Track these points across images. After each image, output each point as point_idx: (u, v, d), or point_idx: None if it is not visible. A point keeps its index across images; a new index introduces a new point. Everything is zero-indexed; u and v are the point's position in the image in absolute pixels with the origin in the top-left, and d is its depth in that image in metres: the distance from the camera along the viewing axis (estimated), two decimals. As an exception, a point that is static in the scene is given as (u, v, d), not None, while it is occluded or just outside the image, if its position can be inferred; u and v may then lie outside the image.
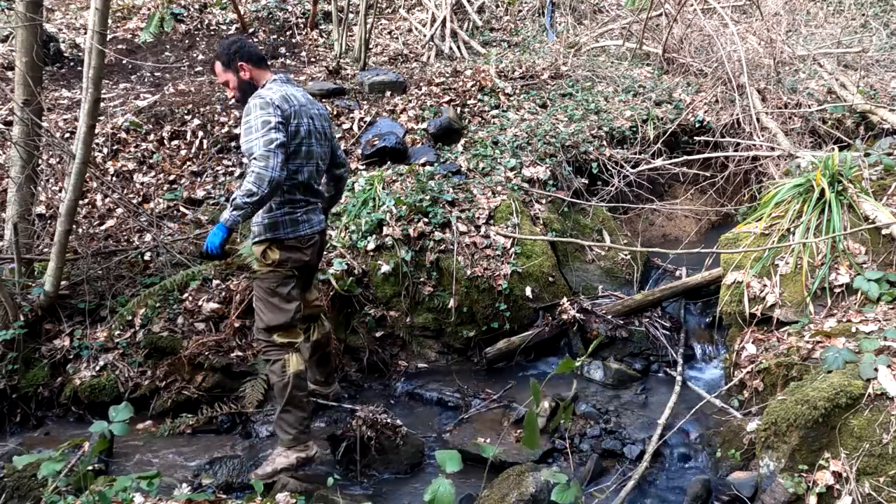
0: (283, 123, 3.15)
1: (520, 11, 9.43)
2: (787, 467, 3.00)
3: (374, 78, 6.30)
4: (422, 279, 4.61)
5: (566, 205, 5.29)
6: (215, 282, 4.53)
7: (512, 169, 5.32)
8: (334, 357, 4.30)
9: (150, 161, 5.49)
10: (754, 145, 5.72)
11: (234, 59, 3.35)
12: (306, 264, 3.50)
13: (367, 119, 5.81)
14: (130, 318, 4.29)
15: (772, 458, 3.08)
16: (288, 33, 8.44)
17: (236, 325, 4.34)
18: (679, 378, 4.13)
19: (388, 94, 6.21)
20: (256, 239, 3.37)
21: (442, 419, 4.10)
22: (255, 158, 3.03)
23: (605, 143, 5.82)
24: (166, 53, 7.64)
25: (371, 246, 4.61)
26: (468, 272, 4.57)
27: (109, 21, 4.73)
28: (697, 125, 6.18)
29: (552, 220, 5.13)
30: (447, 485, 1.78)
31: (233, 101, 3.58)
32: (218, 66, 3.43)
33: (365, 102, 6.06)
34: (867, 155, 4.41)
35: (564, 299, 4.64)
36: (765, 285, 3.87)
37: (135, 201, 5.11)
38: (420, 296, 4.61)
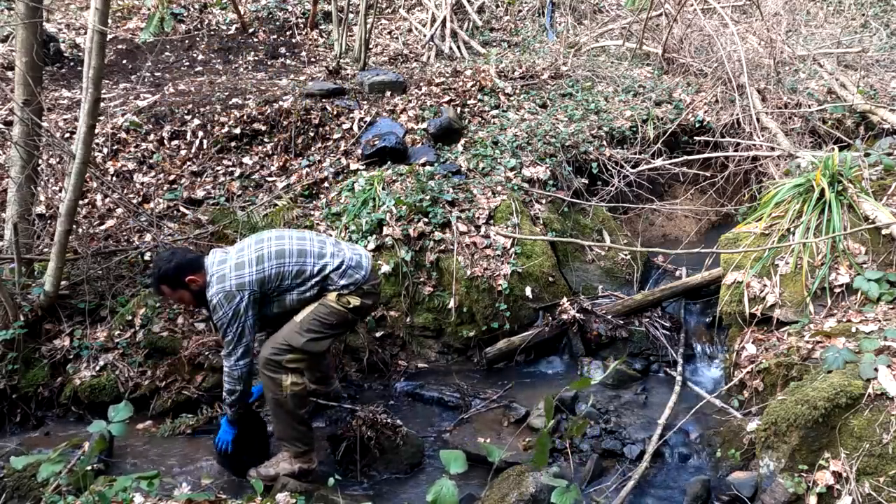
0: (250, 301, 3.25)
1: (520, 11, 9.43)
2: (787, 467, 3.00)
3: (374, 78, 6.29)
4: (422, 279, 4.61)
5: (566, 205, 5.29)
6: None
7: (512, 169, 5.32)
8: (333, 356, 4.30)
9: (150, 161, 5.49)
10: (754, 145, 5.72)
11: (181, 276, 3.29)
12: (369, 312, 3.82)
13: (367, 119, 5.81)
14: (130, 318, 4.29)
15: (772, 458, 3.08)
16: (288, 33, 8.44)
17: (236, 325, 4.34)
18: (679, 378, 4.13)
19: (388, 94, 6.21)
20: (341, 292, 3.41)
21: (442, 419, 4.10)
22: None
23: (605, 143, 5.82)
24: (166, 53, 7.64)
25: (371, 246, 4.61)
26: (468, 272, 4.57)
27: (109, 21, 4.71)
28: (697, 125, 6.17)
29: (552, 220, 5.13)
30: (450, 485, 1.77)
31: (186, 307, 3.87)
32: (165, 289, 3.36)
33: (365, 102, 6.06)
34: (867, 155, 4.41)
35: (564, 299, 4.64)
36: (765, 285, 3.87)
37: (135, 201, 5.11)
38: (420, 296, 4.61)
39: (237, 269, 3.26)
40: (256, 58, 7.63)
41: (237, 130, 5.64)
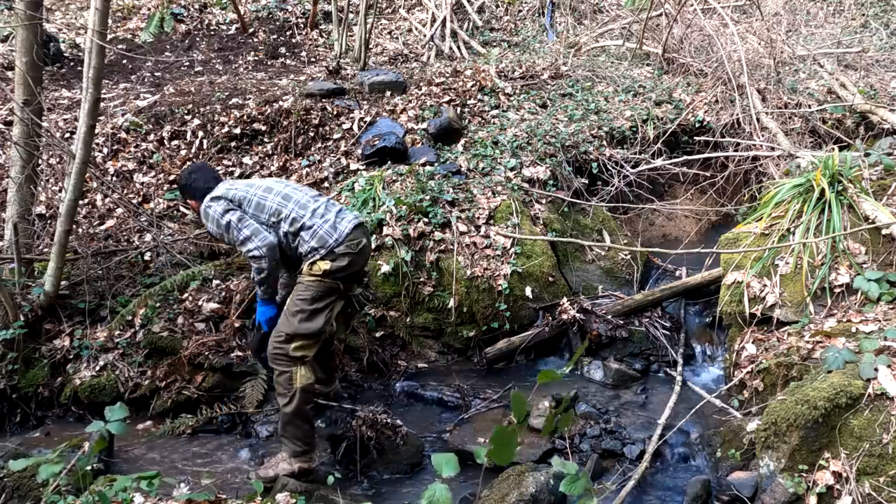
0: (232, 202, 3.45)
1: (520, 11, 9.43)
2: (787, 467, 3.00)
3: (374, 78, 6.30)
4: (422, 279, 4.61)
5: (566, 205, 5.29)
6: (215, 282, 4.53)
7: (512, 169, 5.32)
8: (333, 356, 4.30)
9: (150, 161, 5.49)
10: (754, 145, 5.72)
11: (185, 195, 3.79)
12: (354, 273, 3.60)
13: (367, 119, 5.81)
14: (130, 318, 4.29)
15: (772, 458, 3.08)
16: (288, 33, 8.44)
17: (236, 325, 4.34)
18: (679, 378, 4.13)
19: (388, 94, 6.21)
20: (312, 259, 3.43)
21: (442, 419, 4.10)
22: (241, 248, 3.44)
23: (605, 143, 5.82)
24: (166, 53, 7.64)
25: (371, 246, 4.60)
26: (468, 272, 4.57)
27: (109, 21, 4.72)
28: (697, 125, 6.17)
29: (552, 220, 5.13)
30: (443, 489, 1.76)
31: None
32: (193, 203, 3.71)
33: (365, 102, 6.06)
34: (867, 155, 4.41)
35: (564, 299, 4.64)
36: (765, 285, 3.87)
37: (135, 201, 5.11)
38: (420, 296, 4.61)
39: (225, 186, 3.55)
40: (256, 58, 7.63)
41: (237, 130, 5.65)
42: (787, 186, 4.17)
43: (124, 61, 7.34)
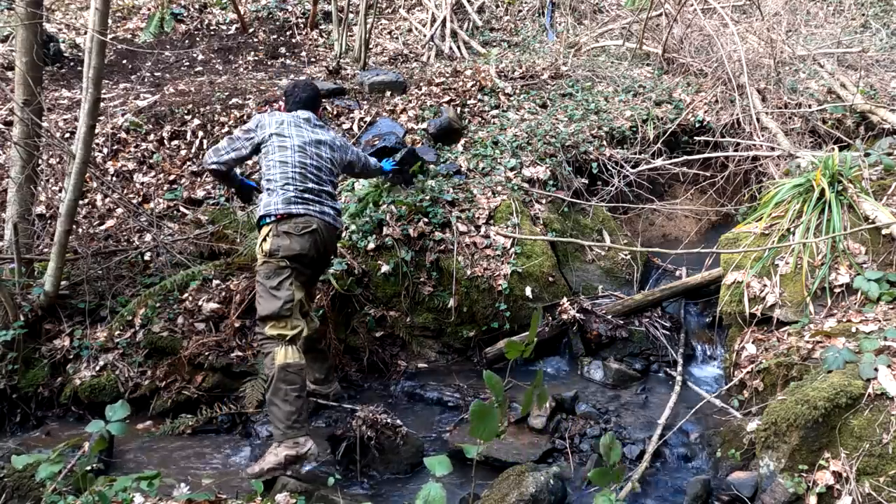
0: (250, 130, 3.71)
1: (520, 11, 9.43)
2: (787, 467, 3.00)
3: (374, 78, 6.30)
4: (422, 279, 4.61)
5: (566, 205, 5.29)
6: (215, 282, 4.53)
7: (512, 169, 5.32)
8: (331, 355, 4.31)
9: (150, 161, 5.49)
10: (754, 145, 5.72)
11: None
12: (301, 256, 3.54)
13: (367, 119, 5.81)
14: (130, 318, 4.29)
15: (772, 457, 3.08)
16: (288, 33, 8.45)
17: (236, 325, 4.34)
18: (679, 378, 4.13)
19: (388, 94, 6.21)
20: (260, 233, 3.59)
21: (442, 419, 4.10)
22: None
23: (605, 143, 5.82)
24: (166, 53, 7.64)
25: (371, 246, 4.60)
26: (468, 272, 4.57)
27: (109, 21, 4.71)
28: (697, 125, 6.17)
29: (552, 220, 5.13)
30: (437, 488, 1.77)
31: None
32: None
33: (365, 102, 6.06)
34: (867, 155, 4.41)
35: (564, 299, 4.64)
36: (765, 285, 3.87)
37: (135, 201, 5.11)
38: (420, 296, 4.61)
39: (279, 119, 3.70)
40: (256, 58, 7.63)
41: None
42: (787, 186, 4.17)
43: (124, 61, 7.34)
